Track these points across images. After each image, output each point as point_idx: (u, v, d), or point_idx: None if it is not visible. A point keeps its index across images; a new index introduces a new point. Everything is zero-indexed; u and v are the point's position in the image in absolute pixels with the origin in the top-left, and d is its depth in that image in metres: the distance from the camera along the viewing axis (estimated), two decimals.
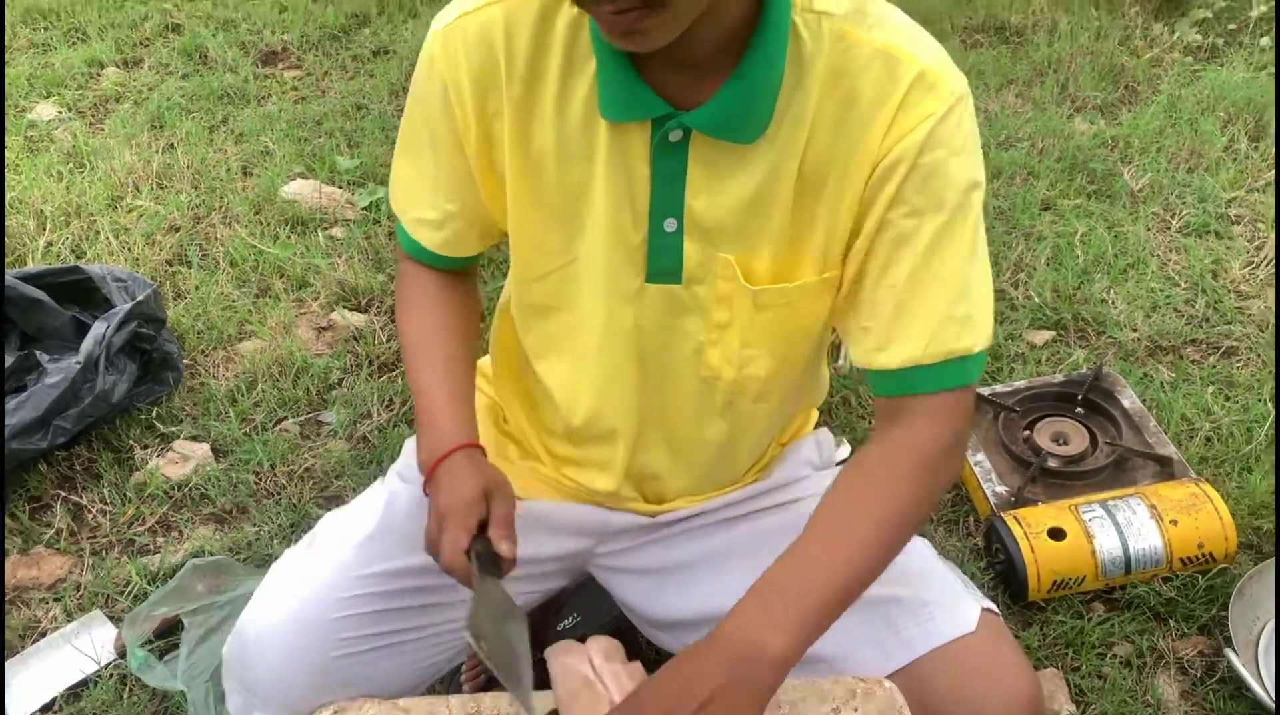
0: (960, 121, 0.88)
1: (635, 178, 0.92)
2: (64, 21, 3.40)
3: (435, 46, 0.94)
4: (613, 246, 0.96)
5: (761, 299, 0.96)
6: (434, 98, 0.96)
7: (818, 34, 0.86)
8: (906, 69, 0.86)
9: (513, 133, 0.93)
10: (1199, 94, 2.91)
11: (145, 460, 1.86)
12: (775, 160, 0.89)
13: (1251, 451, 1.83)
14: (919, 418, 0.93)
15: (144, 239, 2.38)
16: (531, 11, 0.89)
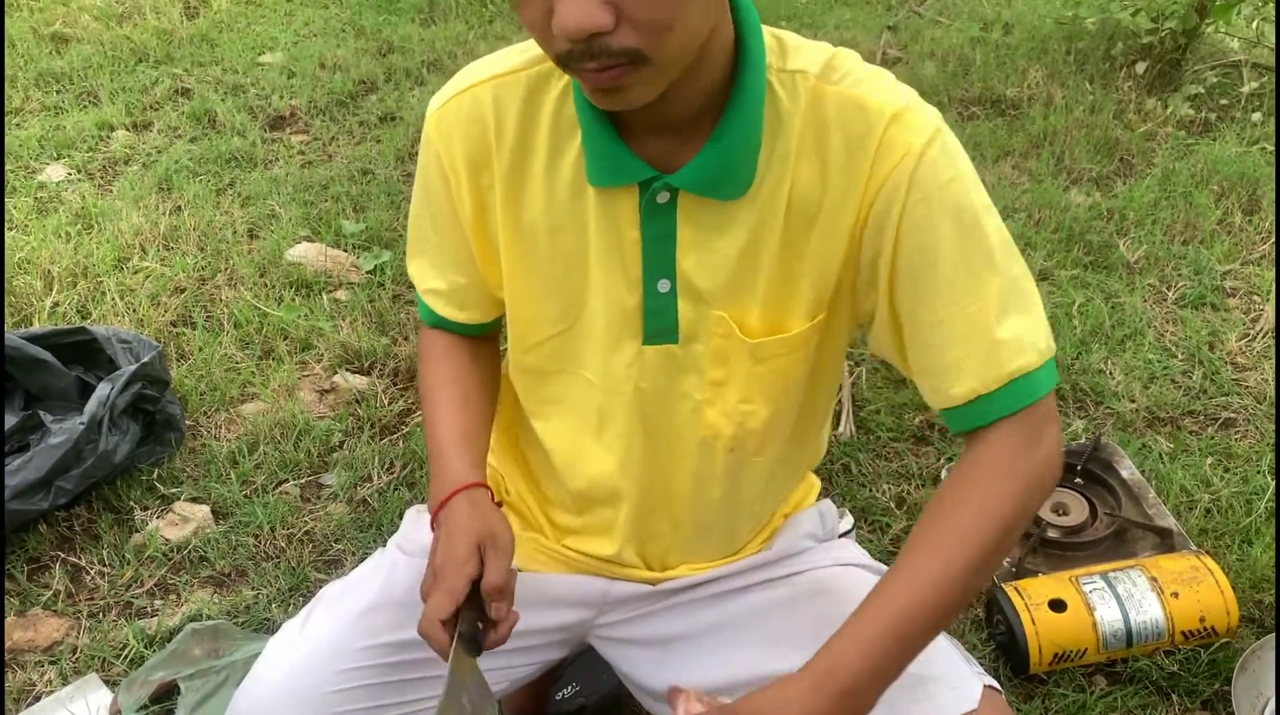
0: (943, 149, 0.88)
1: (626, 242, 0.94)
2: (76, 85, 3.45)
3: (431, 127, 0.98)
4: (609, 311, 0.97)
5: (760, 352, 0.97)
6: (433, 175, 1.00)
7: (793, 92, 0.89)
8: (879, 114, 0.88)
9: (504, 205, 0.97)
10: (1193, 167, 2.95)
11: (145, 522, 1.86)
12: (760, 215, 0.92)
13: (1251, 524, 1.83)
14: (1000, 439, 0.91)
15: (149, 300, 2.40)
16: (519, 88, 0.94)
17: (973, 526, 0.87)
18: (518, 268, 1.00)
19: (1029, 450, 0.90)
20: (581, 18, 0.73)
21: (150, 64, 3.62)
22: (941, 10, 4.15)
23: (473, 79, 0.96)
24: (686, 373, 1.00)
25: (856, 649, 0.83)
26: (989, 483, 0.89)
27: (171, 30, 3.85)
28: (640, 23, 0.75)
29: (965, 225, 0.88)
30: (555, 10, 0.74)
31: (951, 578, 0.86)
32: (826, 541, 1.23)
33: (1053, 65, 3.59)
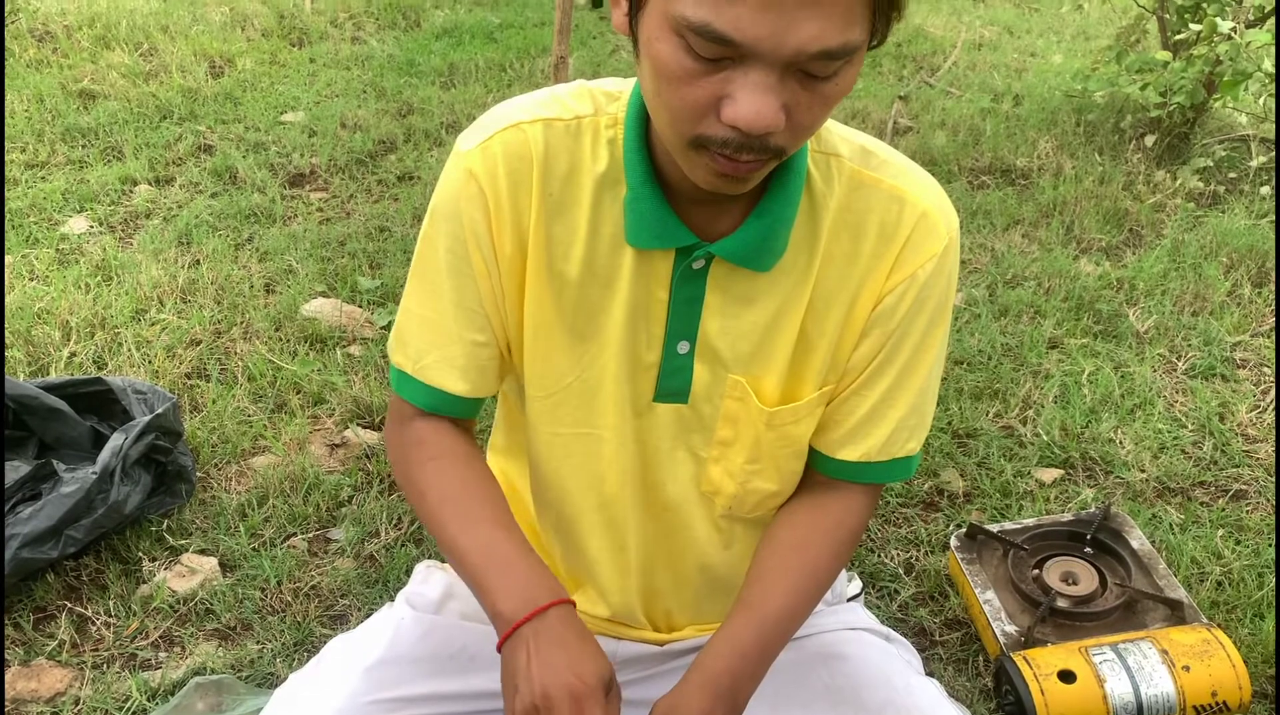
0: (954, 257, 0.97)
1: (654, 301, 0.95)
2: (102, 140, 3.52)
3: (474, 161, 0.93)
4: (625, 366, 0.98)
5: (775, 420, 1.00)
6: (471, 213, 0.94)
7: (828, 173, 0.93)
8: (911, 210, 0.94)
9: (537, 248, 0.95)
10: (1202, 239, 2.98)
11: (153, 573, 1.86)
12: (789, 289, 0.95)
13: (1264, 598, 1.82)
14: (850, 503, 1.05)
15: (165, 352, 2.42)
16: (568, 136, 0.93)
17: (824, 570, 1.02)
18: (543, 312, 0.98)
19: (870, 513, 1.07)
20: (768, 115, 0.75)
21: (175, 121, 3.70)
22: (952, 81, 4.21)
23: (518, 117, 0.93)
24: (693, 432, 1.01)
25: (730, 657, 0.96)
26: (843, 533, 1.04)
27: (197, 88, 3.93)
28: (799, 126, 0.78)
29: (931, 329, 0.99)
30: (734, 100, 0.75)
31: (795, 611, 1.00)
32: (834, 605, 1.23)
33: (1062, 137, 3.63)
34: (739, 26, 0.71)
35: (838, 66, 0.75)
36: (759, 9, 0.70)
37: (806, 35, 0.71)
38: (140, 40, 4.35)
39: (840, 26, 0.71)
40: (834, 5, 0.70)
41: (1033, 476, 2.14)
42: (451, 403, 1.01)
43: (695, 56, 0.74)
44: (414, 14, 4.90)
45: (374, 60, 4.31)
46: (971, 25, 4.92)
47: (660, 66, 0.77)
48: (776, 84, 0.74)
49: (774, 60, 0.73)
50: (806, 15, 0.70)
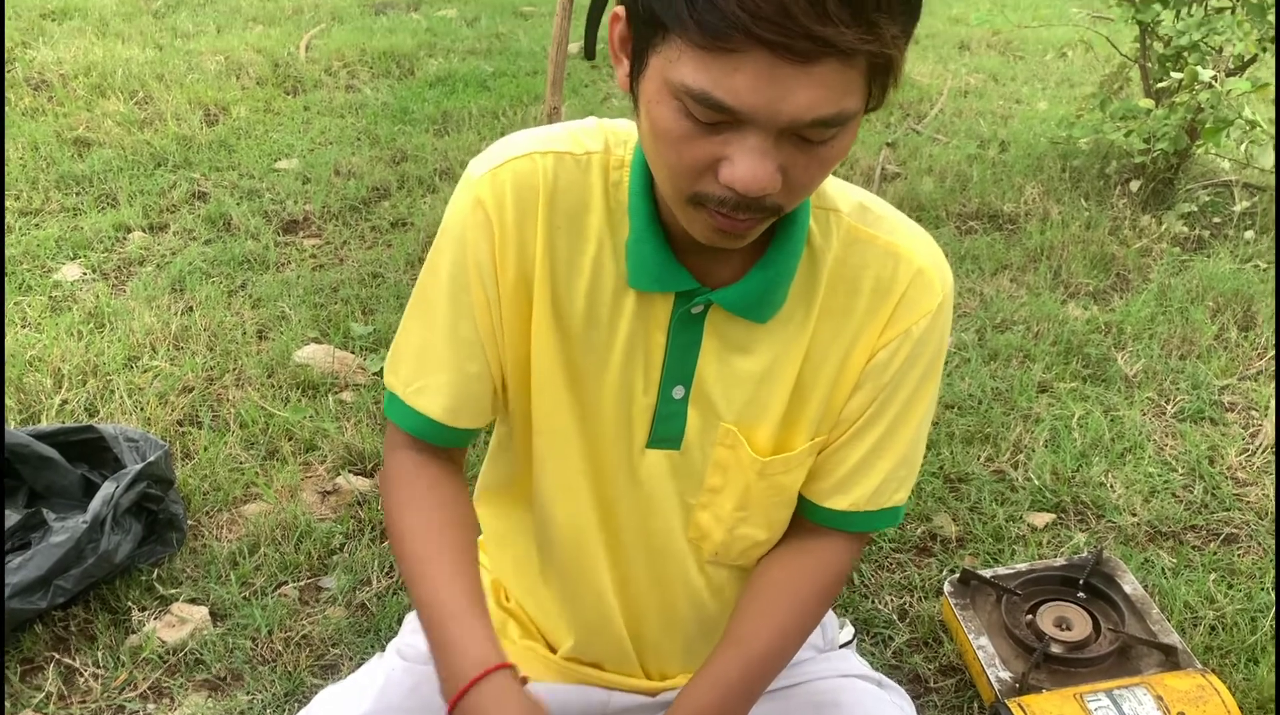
0: (947, 314, 0.99)
1: (652, 344, 0.96)
2: (96, 187, 3.54)
3: (482, 188, 0.92)
4: (620, 408, 0.99)
5: (767, 470, 1.00)
6: (474, 236, 0.93)
7: (826, 228, 0.95)
8: (906, 266, 0.95)
9: (542, 282, 0.94)
10: (1188, 283, 3.00)
11: (142, 622, 1.85)
12: (785, 340, 0.96)
13: (1257, 642, 1.82)
14: (837, 550, 1.06)
15: (157, 399, 2.42)
16: (578, 172, 0.93)
17: (809, 613, 1.05)
18: (546, 346, 0.97)
19: (857, 557, 1.09)
20: (764, 179, 0.76)
21: (169, 168, 3.72)
22: (939, 128, 4.27)
23: (531, 147, 0.93)
24: (683, 479, 1.02)
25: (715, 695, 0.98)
26: (830, 578, 1.06)
27: (191, 136, 3.96)
28: (796, 186, 0.80)
29: (923, 383, 1.00)
30: (731, 162, 0.76)
31: (782, 650, 1.03)
32: (827, 652, 1.23)
33: (1048, 182, 3.67)
34: (737, 95, 0.72)
35: (834, 132, 0.76)
36: (756, 80, 0.71)
37: (802, 105, 0.72)
38: (135, 89, 4.39)
39: (836, 96, 0.73)
40: (829, 77, 0.71)
41: (1025, 521, 2.14)
42: (438, 431, 1.01)
43: (694, 120, 0.76)
44: (408, 62, 4.95)
45: (368, 108, 4.35)
46: (958, 73, 4.99)
47: (659, 128, 0.78)
48: (772, 148, 0.76)
49: (770, 126, 0.74)
50: (802, 86, 0.71)
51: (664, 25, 0.73)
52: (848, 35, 0.69)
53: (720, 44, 0.70)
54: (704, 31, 0.70)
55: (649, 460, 1.01)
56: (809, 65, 0.70)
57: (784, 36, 0.68)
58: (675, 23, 0.71)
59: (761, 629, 1.02)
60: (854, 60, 0.71)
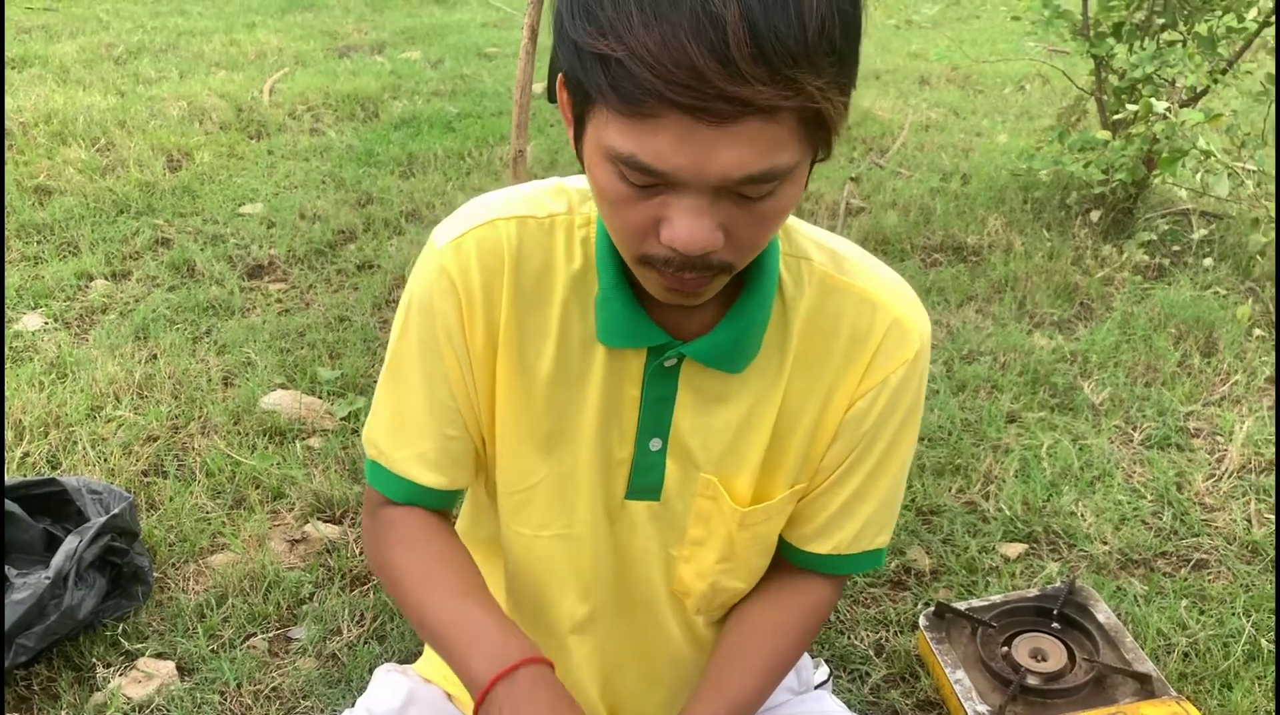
0: (924, 364, 0.98)
1: (626, 398, 0.96)
2: (57, 235, 3.51)
3: (447, 257, 0.92)
4: (596, 463, 0.98)
5: (748, 520, 1.00)
6: (444, 308, 0.93)
7: (799, 277, 0.94)
8: (883, 316, 0.95)
9: (508, 345, 0.94)
10: (1150, 311, 3.04)
11: (107, 679, 1.81)
12: (761, 390, 0.95)
13: (1230, 667, 1.83)
14: (819, 592, 1.07)
15: (121, 449, 2.39)
16: (542, 234, 0.93)
17: (790, 655, 1.05)
18: (511, 411, 0.97)
19: (836, 599, 1.10)
20: (703, 238, 0.75)
21: (131, 215, 3.69)
22: (902, 162, 4.32)
23: (493, 214, 0.93)
24: (665, 530, 1.01)
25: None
26: (811, 620, 1.06)
27: (154, 182, 3.93)
28: (742, 243, 0.79)
29: (902, 430, 1.00)
30: (670, 223, 0.75)
31: (761, 692, 1.02)
32: (802, 694, 1.23)
33: (1011, 214, 3.72)
34: (661, 158, 0.71)
35: (771, 187, 0.75)
36: (677, 143, 0.70)
37: (728, 164, 0.71)
38: (97, 135, 4.37)
39: (763, 153, 0.71)
40: (754, 135, 0.70)
41: (998, 552, 2.14)
42: (425, 494, 1.01)
43: (629, 183, 0.75)
44: (372, 105, 4.96)
45: (332, 151, 4.34)
46: (918, 107, 5.06)
47: (600, 190, 0.78)
48: (709, 206, 0.74)
49: (702, 185, 0.73)
50: (725, 146, 0.70)
51: (587, 94, 0.73)
52: (765, 94, 0.67)
53: (639, 110, 0.69)
54: (621, 99, 0.69)
55: (629, 511, 1.00)
56: (729, 125, 0.69)
57: (698, 100, 0.67)
58: (596, 91, 0.71)
59: (742, 671, 1.01)
60: (779, 116, 0.70)
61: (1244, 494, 2.31)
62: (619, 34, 0.67)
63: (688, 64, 0.66)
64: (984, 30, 6.47)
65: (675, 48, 0.66)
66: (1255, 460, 2.42)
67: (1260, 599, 1.99)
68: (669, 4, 0.66)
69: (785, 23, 0.66)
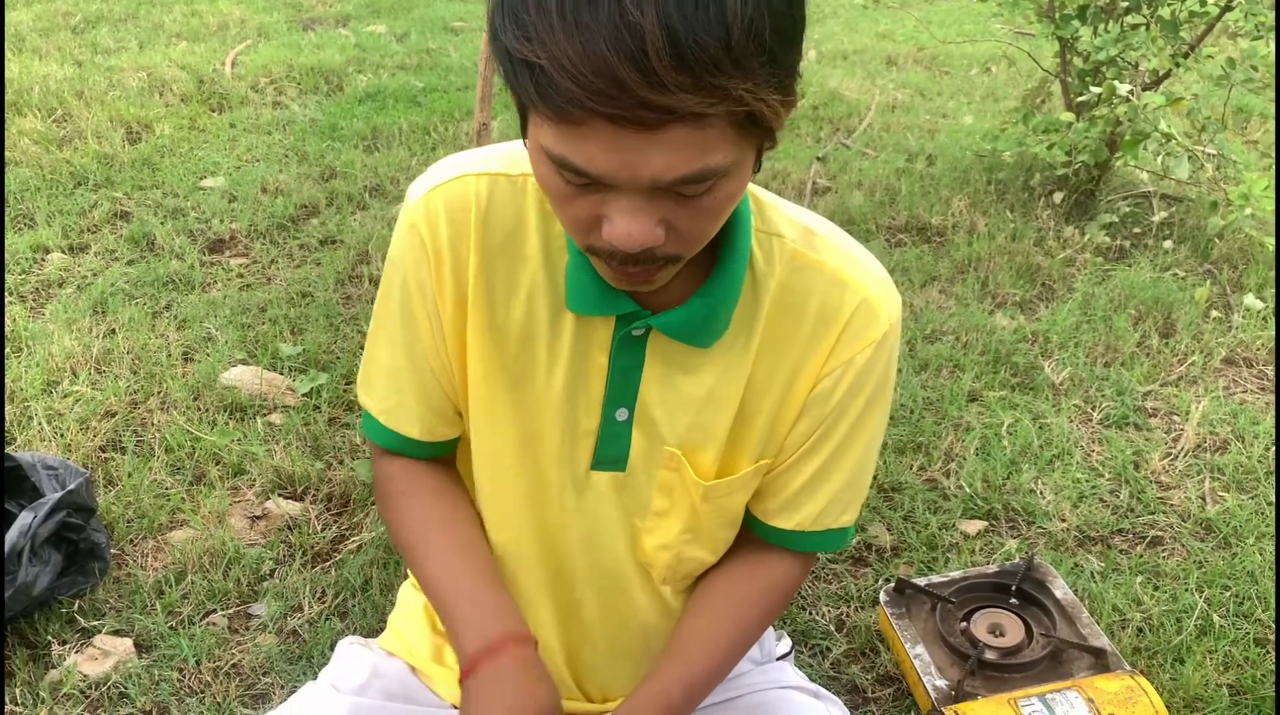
0: (892, 345, 0.97)
1: (593, 366, 0.95)
2: (12, 208, 3.44)
3: (416, 211, 0.93)
4: (564, 429, 0.98)
5: (711, 493, 1.00)
6: (412, 263, 0.95)
7: (770, 254, 0.94)
8: (852, 295, 0.94)
9: (478, 300, 0.95)
10: (1111, 292, 3.08)
11: (63, 657, 1.79)
12: (728, 365, 0.95)
13: (1183, 642, 1.86)
14: (785, 566, 1.07)
15: (78, 425, 2.35)
16: (514, 192, 0.93)
17: (753, 629, 1.06)
18: (482, 368, 0.97)
19: (803, 576, 1.09)
20: (639, 236, 0.74)
21: (89, 187, 3.63)
22: (868, 143, 4.33)
23: (465, 168, 0.93)
24: (629, 501, 1.01)
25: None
26: (775, 595, 1.07)
27: (113, 154, 3.87)
28: (686, 236, 0.78)
29: (868, 410, 0.99)
30: (609, 221, 0.75)
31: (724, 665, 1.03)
32: (764, 664, 1.23)
33: (975, 195, 3.74)
34: (591, 162, 0.71)
35: (709, 185, 0.74)
36: (605, 149, 0.69)
37: (658, 167, 0.70)
38: (54, 106, 4.28)
39: (692, 157, 0.70)
40: (683, 139, 0.69)
41: (958, 529, 2.17)
42: (413, 446, 1.04)
43: (568, 181, 0.75)
44: (336, 78, 4.90)
45: (296, 125, 4.29)
46: (885, 88, 5.07)
47: (543, 185, 0.78)
48: (646, 205, 0.74)
49: (636, 187, 0.72)
50: (653, 151, 0.69)
51: (520, 99, 0.73)
52: (688, 101, 0.65)
53: (565, 117, 0.68)
54: (548, 106, 0.68)
55: (594, 481, 1.00)
56: (656, 132, 0.67)
57: (620, 109, 0.66)
58: (525, 96, 0.70)
59: (705, 643, 1.02)
60: (707, 120, 0.68)
61: (1198, 472, 2.34)
62: (543, 41, 0.66)
63: (608, 73, 0.64)
64: (951, 12, 6.49)
65: (595, 57, 0.64)
66: (1210, 439, 2.46)
67: (1213, 575, 2.03)
68: (589, 12, 0.64)
69: (706, 28, 0.64)
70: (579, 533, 1.03)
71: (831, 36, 6.08)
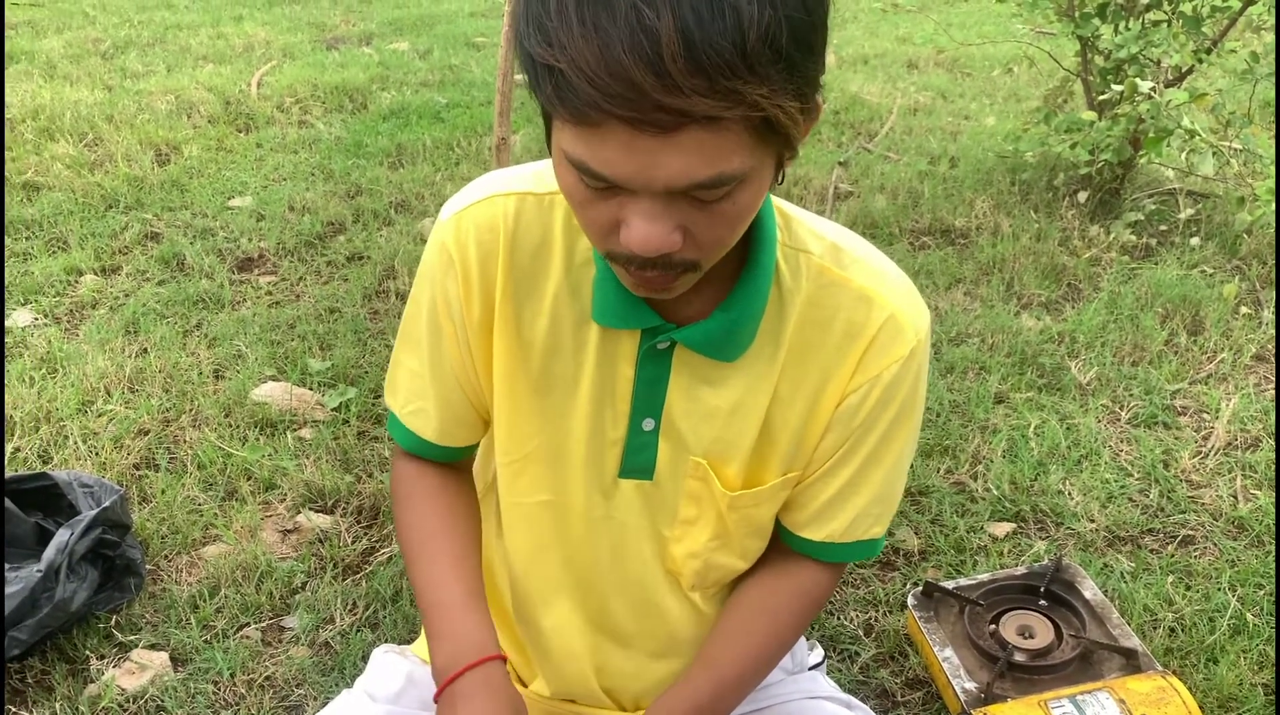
0: (921, 360, 0.97)
1: (620, 378, 0.97)
2: (46, 231, 3.50)
3: (447, 231, 0.97)
4: (590, 440, 0.99)
5: (736, 504, 1.01)
6: (441, 279, 0.98)
7: (797, 269, 0.94)
8: (879, 312, 0.94)
9: (504, 316, 0.97)
10: (1137, 291, 3.06)
11: (101, 671, 1.82)
12: (754, 378, 0.96)
13: (1216, 642, 1.84)
14: (816, 577, 1.07)
15: (112, 443, 2.39)
16: (541, 210, 0.95)
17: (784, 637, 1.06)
18: (508, 381, 1.00)
19: (833, 585, 1.10)
20: (656, 241, 0.75)
21: (120, 210, 3.69)
22: (890, 146, 4.32)
23: (494, 189, 0.96)
24: (657, 510, 1.02)
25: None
26: (806, 603, 1.07)
27: (142, 177, 3.93)
28: (704, 243, 0.78)
29: (897, 425, 0.99)
30: (627, 225, 0.76)
31: (755, 673, 1.05)
32: (795, 674, 1.24)
33: (998, 196, 3.73)
34: (609, 166, 0.72)
35: (726, 190, 0.74)
36: (622, 152, 0.70)
37: (674, 172, 0.71)
38: (85, 130, 4.36)
39: (708, 161, 0.71)
40: (699, 143, 0.69)
41: (985, 531, 2.16)
42: (432, 449, 1.07)
43: (588, 185, 0.76)
44: (360, 96, 4.95)
45: (321, 143, 4.34)
46: (906, 91, 5.06)
47: (564, 190, 0.79)
48: (663, 210, 0.74)
49: (653, 191, 0.73)
50: (669, 155, 0.70)
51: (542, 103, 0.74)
52: (703, 104, 0.66)
53: (583, 120, 0.69)
54: (568, 109, 0.69)
55: (622, 490, 1.01)
56: (671, 135, 0.68)
57: (636, 112, 0.67)
58: (546, 101, 0.71)
59: (736, 651, 1.03)
60: (723, 125, 0.69)
61: (1230, 470, 2.32)
62: (562, 45, 0.67)
63: (624, 77, 0.65)
64: (971, 13, 6.47)
65: (611, 60, 0.65)
66: (1241, 437, 2.44)
67: (1246, 574, 2.01)
68: (607, 16, 0.65)
69: (721, 33, 0.65)
70: (607, 541, 1.04)
71: (852, 41, 6.08)
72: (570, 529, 1.04)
